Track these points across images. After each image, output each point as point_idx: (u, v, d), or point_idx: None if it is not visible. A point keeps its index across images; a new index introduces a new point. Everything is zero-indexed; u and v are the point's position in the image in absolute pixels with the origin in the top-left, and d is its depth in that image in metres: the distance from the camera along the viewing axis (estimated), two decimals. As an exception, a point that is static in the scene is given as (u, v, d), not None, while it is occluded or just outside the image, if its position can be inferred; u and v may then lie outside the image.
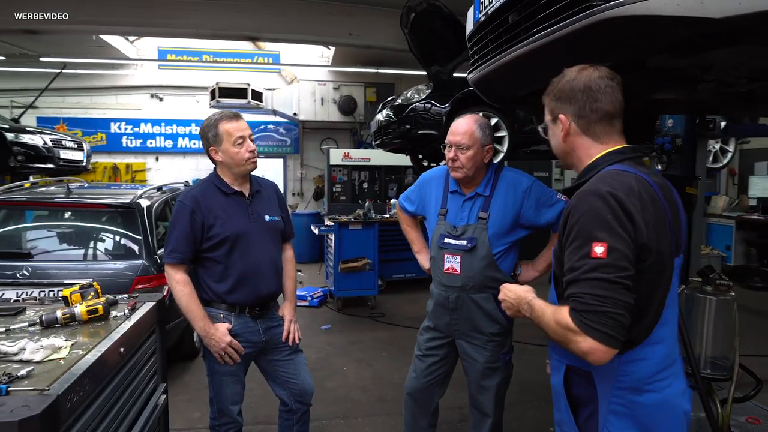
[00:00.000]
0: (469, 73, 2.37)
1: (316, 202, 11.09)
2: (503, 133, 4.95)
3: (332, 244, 6.31)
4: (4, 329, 1.66)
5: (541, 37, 1.62)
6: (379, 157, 8.39)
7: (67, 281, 3.41)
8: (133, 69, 10.61)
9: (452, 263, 2.30)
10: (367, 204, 6.80)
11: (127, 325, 1.74)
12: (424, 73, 5.59)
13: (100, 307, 1.78)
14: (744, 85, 2.07)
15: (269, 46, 9.74)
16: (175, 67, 9.65)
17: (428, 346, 2.46)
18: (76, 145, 8.25)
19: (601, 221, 1.22)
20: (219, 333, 2.18)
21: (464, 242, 2.27)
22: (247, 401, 3.24)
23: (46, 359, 1.41)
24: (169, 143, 10.83)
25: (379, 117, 5.97)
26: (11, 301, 2.13)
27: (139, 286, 3.51)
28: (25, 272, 3.37)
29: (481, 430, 2.43)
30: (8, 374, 1.28)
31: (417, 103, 5.26)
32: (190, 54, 8.72)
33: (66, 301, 1.89)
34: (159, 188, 4.48)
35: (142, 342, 1.89)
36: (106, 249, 3.89)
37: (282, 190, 11.86)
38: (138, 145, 10.75)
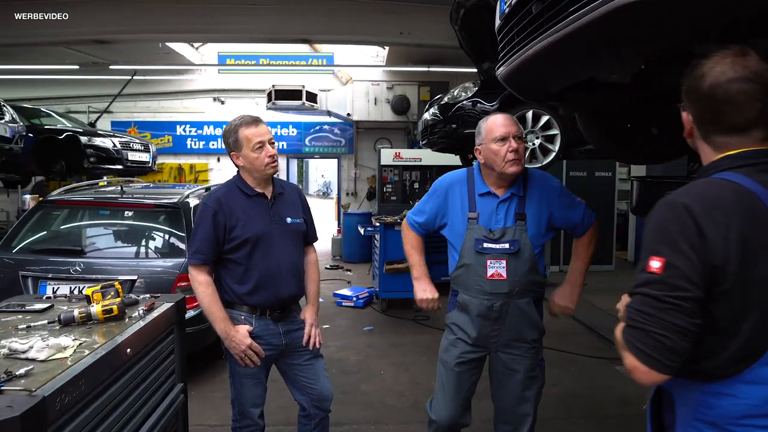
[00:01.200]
0: (498, 68, 2.24)
1: (369, 202, 11.12)
2: (555, 131, 4.72)
3: (378, 245, 6.27)
4: (25, 326, 1.73)
5: (565, 26, 1.48)
6: (430, 157, 8.25)
7: (119, 277, 3.59)
8: (197, 74, 11.11)
9: (497, 269, 2.19)
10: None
11: (137, 326, 1.76)
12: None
13: (115, 307, 1.83)
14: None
15: (323, 48, 9.87)
16: (234, 71, 10.01)
17: (460, 361, 2.28)
18: (142, 148, 8.75)
19: (666, 234, 1.11)
20: (239, 335, 2.19)
21: (506, 245, 2.18)
22: (280, 402, 3.28)
23: (50, 358, 1.45)
24: (229, 144, 11.25)
25: (426, 116, 5.87)
26: (47, 297, 2.22)
27: (182, 284, 3.62)
28: (77, 268, 3.57)
29: None
30: (8, 372, 1.32)
31: (464, 102, 5.12)
32: (248, 58, 9.01)
33: (89, 299, 1.96)
34: (207, 188, 4.62)
35: (156, 342, 1.92)
36: (154, 247, 4.06)
37: (336, 190, 11.99)
38: (201, 146, 11.24)
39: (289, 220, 2.33)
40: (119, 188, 4.26)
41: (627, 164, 8.97)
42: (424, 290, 2.38)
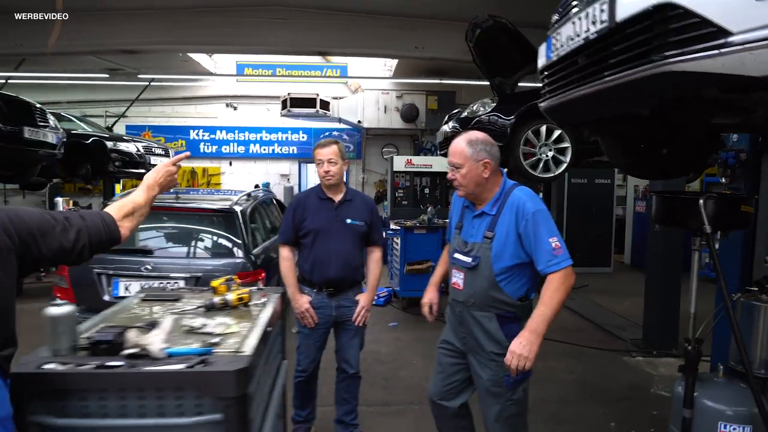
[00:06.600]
0: (541, 102, 2.70)
1: (378, 205, 11.57)
2: (566, 144, 5.20)
3: (397, 247, 6.72)
4: (178, 311, 2.16)
5: (608, 81, 1.94)
6: (440, 163, 8.74)
7: (178, 275, 3.99)
8: (211, 81, 11.49)
9: (457, 279, 2.37)
10: (429, 210, 7.16)
11: (269, 310, 2.20)
12: (485, 82, 5.90)
13: (246, 295, 2.26)
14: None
15: (337, 59, 10.33)
16: (252, 80, 10.42)
17: (442, 347, 2.53)
18: (163, 152, 9.12)
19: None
20: (302, 300, 2.97)
21: (469, 260, 2.30)
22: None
23: (225, 332, 1.88)
24: (241, 149, 11.64)
25: (446, 128, 6.32)
26: (172, 290, 2.64)
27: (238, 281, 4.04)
28: (148, 267, 3.97)
29: None
30: (206, 342, 1.75)
31: (482, 116, 5.57)
32: (266, 67, 9.42)
33: (214, 290, 2.39)
34: (249, 195, 5.05)
35: (276, 324, 2.35)
36: (209, 248, 4.46)
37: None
38: (214, 150, 11.62)
39: (348, 221, 2.98)
40: (174, 195, 4.64)
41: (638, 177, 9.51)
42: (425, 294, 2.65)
